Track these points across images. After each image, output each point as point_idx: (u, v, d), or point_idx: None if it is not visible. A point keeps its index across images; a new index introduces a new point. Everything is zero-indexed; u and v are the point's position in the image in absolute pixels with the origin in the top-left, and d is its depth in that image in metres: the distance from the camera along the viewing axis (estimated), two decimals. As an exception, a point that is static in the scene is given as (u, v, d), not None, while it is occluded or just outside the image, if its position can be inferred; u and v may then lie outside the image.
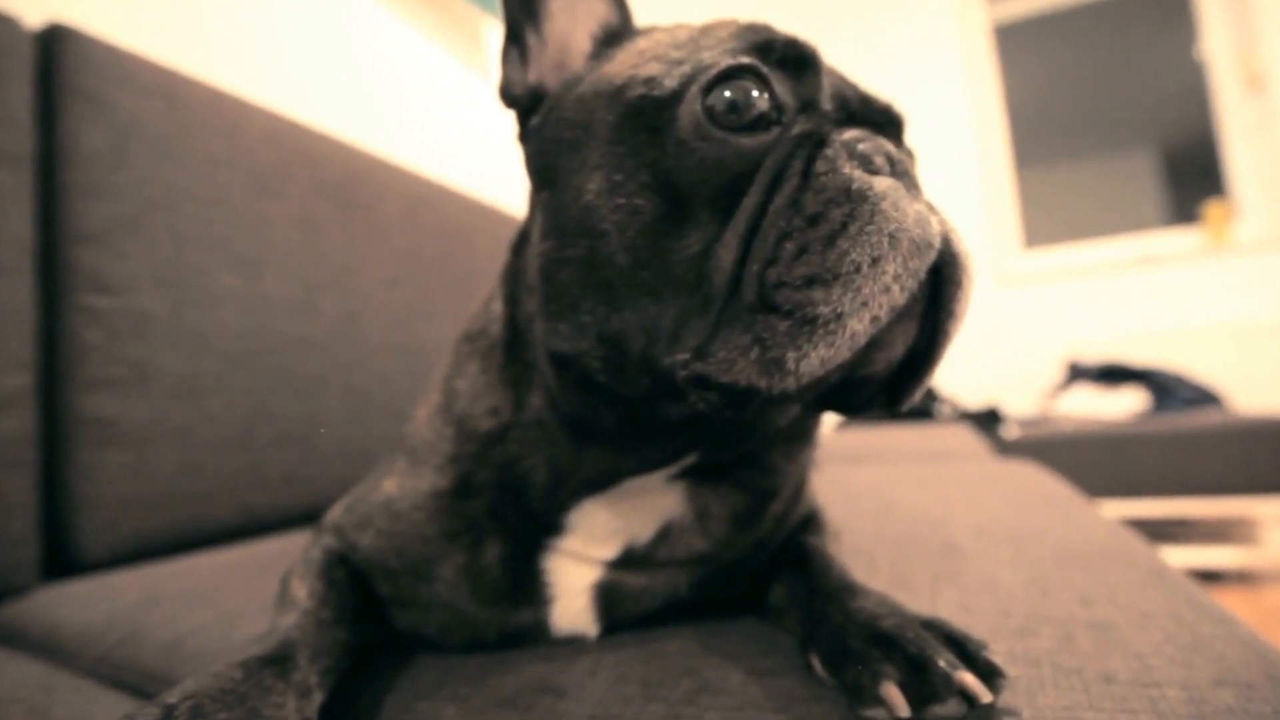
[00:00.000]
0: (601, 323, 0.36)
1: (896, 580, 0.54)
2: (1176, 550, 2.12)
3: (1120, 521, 0.75)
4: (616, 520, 0.44)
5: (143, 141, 0.82)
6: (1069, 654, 0.39)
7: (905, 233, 0.30)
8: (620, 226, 0.35)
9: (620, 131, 0.36)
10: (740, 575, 0.49)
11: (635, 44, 0.41)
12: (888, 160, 0.34)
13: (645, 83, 0.36)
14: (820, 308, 0.29)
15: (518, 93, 0.44)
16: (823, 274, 0.30)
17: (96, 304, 0.76)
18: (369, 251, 1.12)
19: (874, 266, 0.30)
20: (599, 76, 0.40)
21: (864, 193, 0.31)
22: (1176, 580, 0.52)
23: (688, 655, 0.42)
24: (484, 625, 0.46)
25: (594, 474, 0.42)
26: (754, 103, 0.34)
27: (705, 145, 0.34)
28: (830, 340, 0.29)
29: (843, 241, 0.30)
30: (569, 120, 0.40)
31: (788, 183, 0.33)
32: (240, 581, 0.66)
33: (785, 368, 0.30)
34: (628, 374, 0.36)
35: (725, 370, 0.31)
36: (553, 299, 0.38)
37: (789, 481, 0.49)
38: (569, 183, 0.38)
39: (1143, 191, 3.47)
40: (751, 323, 0.31)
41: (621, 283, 0.35)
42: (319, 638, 0.41)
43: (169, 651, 0.52)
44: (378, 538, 0.48)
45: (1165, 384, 2.56)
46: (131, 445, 0.78)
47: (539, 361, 0.42)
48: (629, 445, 0.41)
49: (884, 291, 0.30)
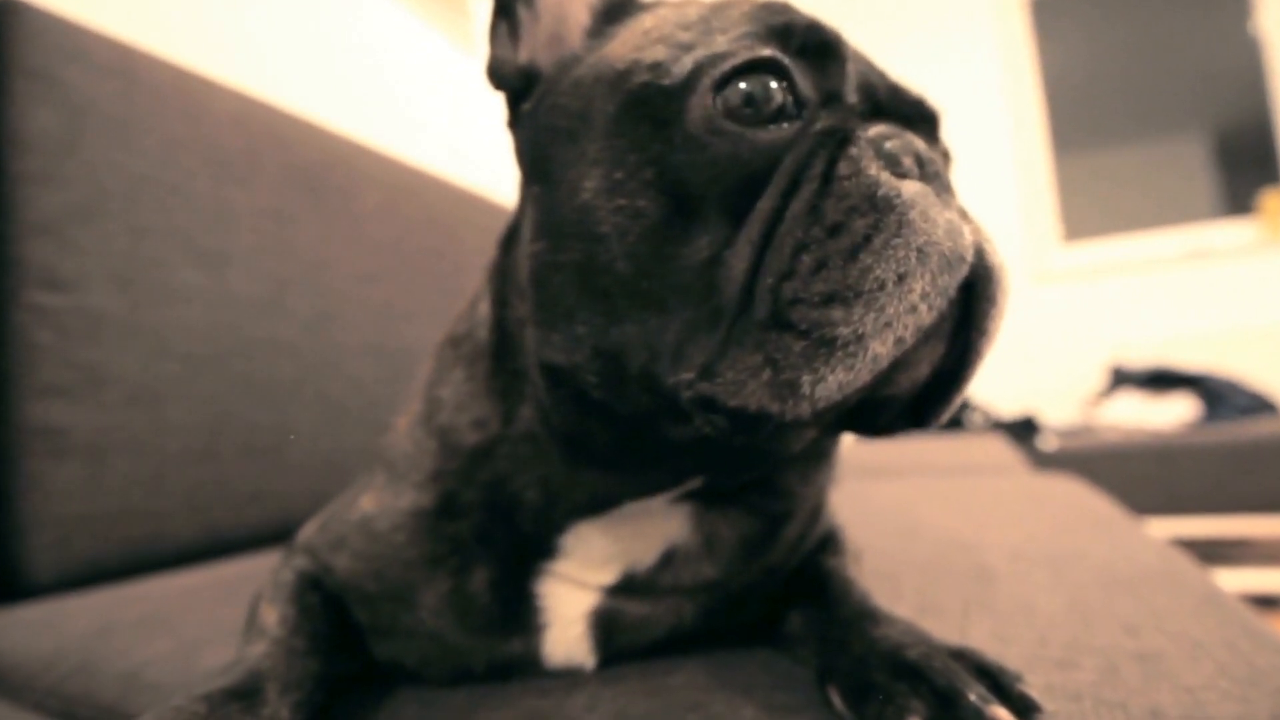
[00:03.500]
0: (598, 335, 0.36)
1: (924, 606, 0.53)
2: (1231, 573, 2.11)
3: (1169, 542, 0.75)
4: (615, 544, 0.44)
5: (98, 124, 0.82)
6: (1113, 687, 0.39)
7: (935, 246, 0.30)
8: (621, 230, 0.34)
9: (621, 123, 0.36)
10: (752, 603, 0.49)
11: (639, 21, 0.41)
12: (916, 161, 0.34)
13: (650, 69, 0.36)
14: (840, 328, 0.29)
15: (507, 73, 0.43)
16: (843, 291, 0.30)
17: (46, 302, 0.76)
18: (345, 245, 1.12)
19: (900, 284, 0.29)
20: (599, 59, 0.39)
21: (890, 200, 0.31)
22: (1231, 606, 0.52)
23: (694, 689, 0.42)
24: (471, 656, 0.46)
25: (589, 496, 0.42)
26: (772, 96, 0.34)
27: (717, 140, 0.34)
28: (850, 363, 0.29)
29: (866, 256, 0.30)
30: (564, 107, 0.39)
31: (806, 186, 0.32)
32: (203, 607, 0.66)
33: (800, 392, 0.30)
34: (627, 391, 0.36)
35: (734, 393, 0.31)
36: (545, 306, 0.38)
37: (805, 504, 0.49)
38: (564, 177, 0.38)
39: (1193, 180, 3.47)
40: (763, 341, 0.31)
41: (621, 291, 0.35)
42: (290, 668, 0.41)
43: (125, 683, 0.52)
44: (354, 560, 0.48)
45: (1218, 390, 2.56)
46: (84, 457, 0.78)
47: (530, 371, 0.41)
48: (627, 467, 0.41)
49: (910, 311, 0.30)
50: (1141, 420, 2.66)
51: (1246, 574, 2.12)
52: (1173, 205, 3.31)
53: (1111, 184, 3.47)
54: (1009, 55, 3.38)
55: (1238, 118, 3.32)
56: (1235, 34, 3.20)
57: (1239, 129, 3.31)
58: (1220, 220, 3.15)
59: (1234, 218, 3.12)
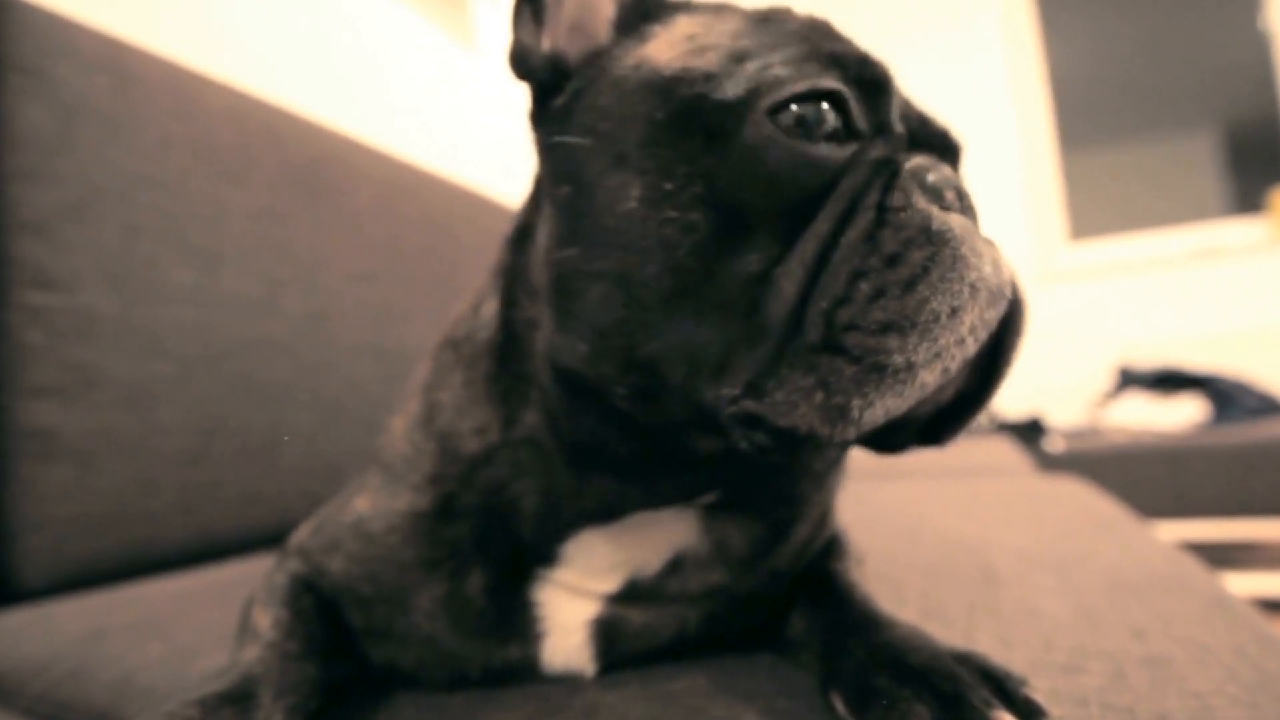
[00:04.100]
0: (634, 346, 0.36)
1: (928, 610, 0.54)
2: (1240, 577, 2.11)
3: (1177, 545, 0.75)
4: (619, 552, 0.44)
5: (89, 121, 0.82)
6: (1120, 692, 0.39)
7: (984, 281, 0.32)
8: (668, 243, 0.34)
9: (669, 132, 0.36)
10: (757, 608, 0.49)
11: (678, 24, 0.40)
12: (956, 194, 0.35)
13: (703, 80, 0.36)
14: (894, 356, 0.30)
15: (535, 64, 0.42)
16: (900, 321, 0.31)
17: (37, 301, 0.76)
18: (340, 243, 1.12)
19: (953, 317, 0.31)
20: (640, 60, 0.39)
21: (944, 235, 0.32)
22: (1240, 611, 0.52)
23: (696, 694, 0.42)
24: (467, 661, 0.46)
25: (597, 505, 0.42)
26: (826, 121, 0.35)
27: (776, 155, 0.34)
28: (899, 390, 0.30)
29: (923, 288, 0.31)
30: (603, 109, 0.39)
31: (863, 214, 0.33)
32: (196, 610, 0.66)
33: (849, 416, 0.31)
34: (661, 404, 0.36)
35: (784, 413, 0.32)
36: (571, 315, 0.38)
37: (815, 508, 0.50)
38: (601, 183, 0.37)
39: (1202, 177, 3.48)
40: (815, 364, 0.32)
41: (661, 303, 0.35)
42: (284, 673, 0.41)
43: (117, 689, 0.52)
44: (348, 562, 0.48)
45: (1227, 392, 2.56)
46: (76, 459, 0.78)
47: (538, 376, 0.41)
48: (642, 477, 0.41)
49: (959, 344, 0.31)
50: (1149, 422, 2.66)
51: (1255, 578, 2.11)
52: (1181, 203, 3.31)
53: (1119, 182, 3.47)
54: (1014, 50, 3.37)
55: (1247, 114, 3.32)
56: (1245, 29, 3.19)
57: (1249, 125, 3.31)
58: (1229, 219, 3.15)
59: (1244, 216, 3.12)
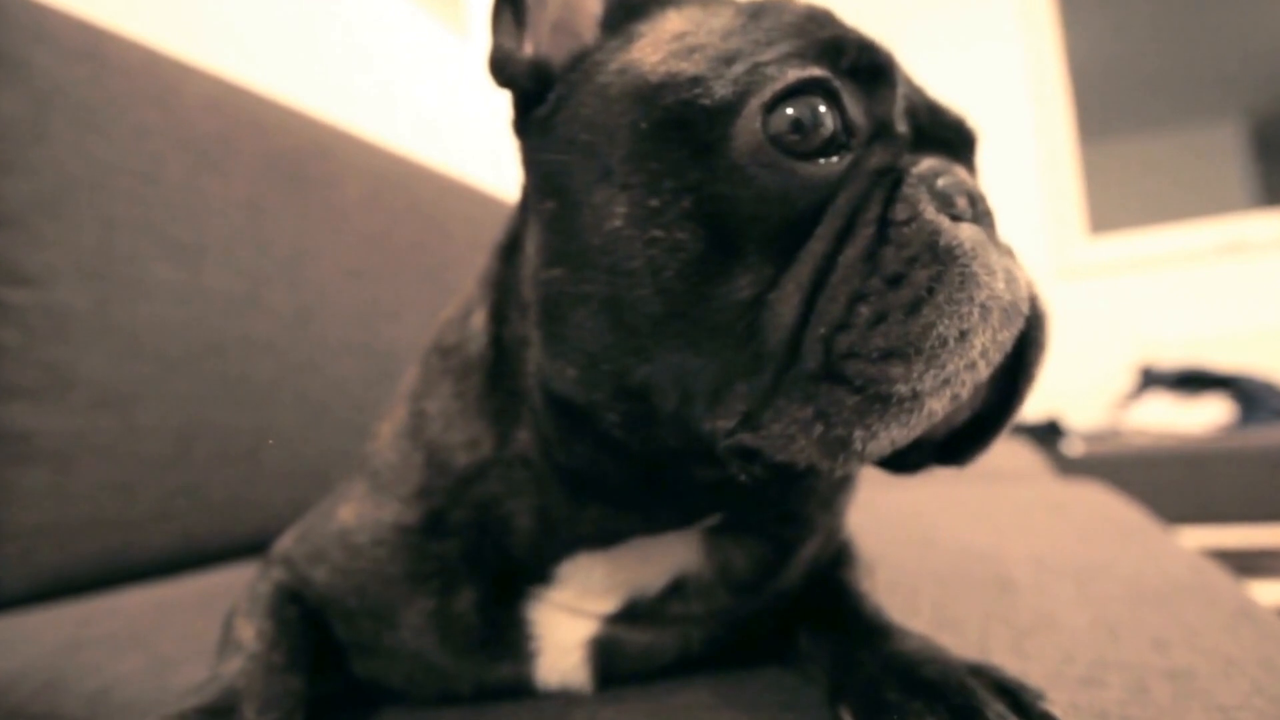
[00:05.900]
0: (624, 373, 0.35)
1: (941, 621, 0.54)
2: (1266, 586, 2.11)
3: (1201, 552, 0.75)
4: (618, 573, 0.44)
5: (65, 110, 0.82)
6: (1141, 706, 0.39)
7: (996, 300, 0.31)
8: (655, 264, 0.34)
9: (655, 143, 0.35)
10: (760, 625, 0.49)
11: (666, 22, 0.39)
12: (969, 200, 0.34)
13: (690, 85, 0.35)
14: (898, 385, 0.29)
15: (516, 71, 0.41)
16: (904, 347, 0.30)
17: (10, 298, 0.76)
18: (327, 237, 1.12)
19: (961, 341, 0.30)
20: (625, 65, 0.38)
21: (952, 250, 0.31)
22: (1267, 621, 0.52)
23: (699, 709, 0.42)
24: (457, 678, 0.46)
25: (594, 530, 0.42)
26: (821, 121, 0.33)
27: (765, 174, 0.33)
28: (904, 420, 0.30)
29: (928, 311, 0.30)
30: (586, 119, 0.38)
31: (862, 230, 0.32)
32: (177, 621, 0.66)
33: (851, 448, 0.30)
34: (654, 433, 0.36)
35: (781, 447, 0.31)
36: (559, 338, 0.37)
37: (823, 527, 0.49)
38: (585, 199, 0.36)
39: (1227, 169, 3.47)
40: (814, 394, 0.31)
41: (652, 329, 0.34)
42: (268, 686, 0.41)
43: (94, 702, 0.52)
44: (333, 574, 0.48)
45: (1253, 392, 2.56)
46: (51, 463, 0.78)
47: (530, 396, 0.41)
48: (640, 505, 0.41)
49: (969, 368, 0.30)
50: (1172, 424, 2.66)
51: (1283, 587, 2.12)
52: (1205, 196, 3.30)
53: (1140, 173, 3.47)
54: (1032, 38, 3.38)
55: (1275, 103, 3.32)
56: (1273, 14, 3.19)
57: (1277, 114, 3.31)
58: (1256, 211, 3.15)
59: (1271, 209, 3.12)
